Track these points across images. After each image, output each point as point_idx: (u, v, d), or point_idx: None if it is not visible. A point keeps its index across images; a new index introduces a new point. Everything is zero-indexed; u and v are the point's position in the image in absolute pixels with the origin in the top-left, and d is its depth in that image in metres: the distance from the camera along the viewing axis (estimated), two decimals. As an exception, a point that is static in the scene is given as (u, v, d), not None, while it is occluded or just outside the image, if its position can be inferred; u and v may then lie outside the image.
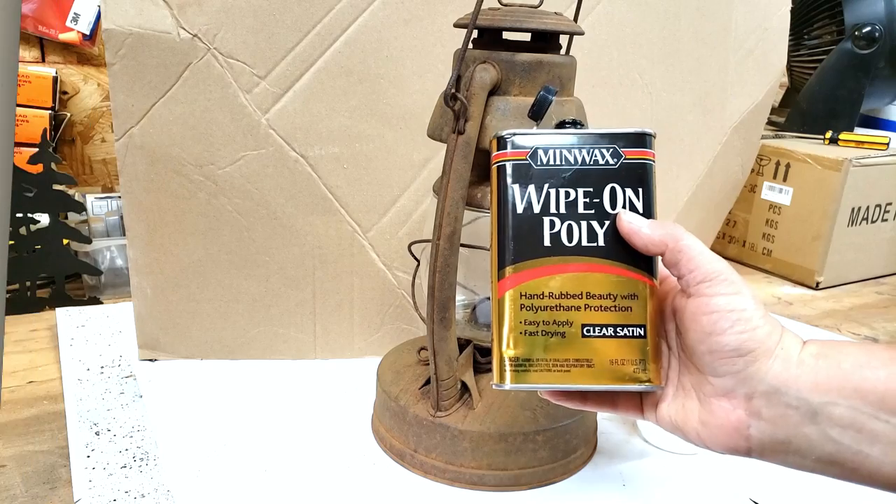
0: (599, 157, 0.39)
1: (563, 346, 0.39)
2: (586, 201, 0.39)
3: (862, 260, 1.06)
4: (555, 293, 0.39)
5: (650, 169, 0.39)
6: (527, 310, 0.39)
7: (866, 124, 1.32)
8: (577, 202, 0.39)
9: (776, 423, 0.35)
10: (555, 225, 0.39)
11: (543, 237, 0.39)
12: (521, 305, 0.39)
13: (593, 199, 0.39)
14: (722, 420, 0.36)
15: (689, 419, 0.38)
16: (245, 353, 0.71)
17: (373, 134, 0.67)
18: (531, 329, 0.39)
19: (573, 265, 0.39)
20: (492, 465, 0.53)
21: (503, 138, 0.39)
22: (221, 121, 0.63)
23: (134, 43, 0.60)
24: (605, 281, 0.38)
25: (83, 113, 1.06)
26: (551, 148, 0.39)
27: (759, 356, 0.35)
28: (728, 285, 0.35)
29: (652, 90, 0.78)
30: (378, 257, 0.71)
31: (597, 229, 0.39)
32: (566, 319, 0.39)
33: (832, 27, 1.16)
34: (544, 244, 0.39)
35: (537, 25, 0.48)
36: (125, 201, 0.65)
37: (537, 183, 0.39)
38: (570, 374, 0.39)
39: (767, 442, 0.35)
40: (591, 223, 0.39)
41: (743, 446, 0.36)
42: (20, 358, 0.71)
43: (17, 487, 0.51)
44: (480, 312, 0.60)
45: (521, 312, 0.39)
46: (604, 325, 0.39)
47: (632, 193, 0.39)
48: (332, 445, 0.58)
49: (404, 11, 0.64)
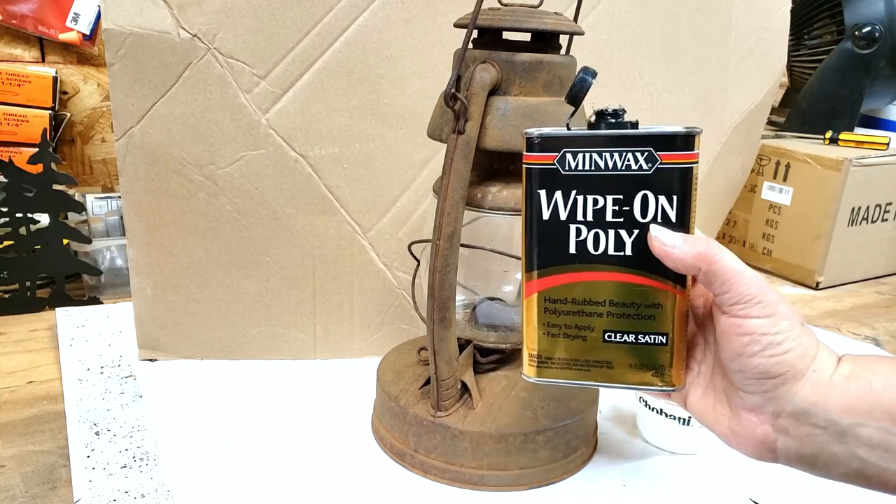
0: (632, 161, 0.36)
1: (583, 348, 0.39)
2: (615, 209, 0.37)
3: (862, 260, 1.06)
4: (577, 300, 0.38)
5: (689, 174, 0.36)
6: (550, 313, 0.39)
7: (866, 124, 1.32)
8: (606, 210, 0.37)
9: (803, 440, 0.35)
10: (581, 233, 0.38)
11: (569, 245, 0.38)
12: (544, 308, 0.39)
13: (623, 206, 0.37)
14: (749, 432, 0.36)
15: (719, 422, 0.38)
16: (245, 353, 0.71)
17: (373, 134, 0.67)
18: (553, 331, 0.39)
19: (598, 273, 0.38)
20: (492, 465, 0.53)
21: (531, 139, 0.37)
22: (221, 121, 0.63)
23: (134, 43, 0.60)
24: (629, 290, 0.38)
25: (83, 113, 1.06)
26: (581, 151, 0.37)
27: (789, 379, 0.35)
28: (762, 308, 0.35)
29: (652, 90, 0.78)
30: (378, 257, 0.71)
31: (625, 238, 0.37)
32: (588, 325, 0.39)
33: (832, 27, 1.16)
34: (569, 252, 0.38)
35: (537, 25, 0.48)
36: (125, 201, 0.65)
37: (564, 189, 0.37)
38: (590, 374, 0.39)
39: (794, 455, 0.36)
40: (619, 231, 0.37)
41: (769, 456, 0.37)
42: (20, 358, 0.71)
43: (17, 487, 0.51)
44: (480, 312, 0.60)
45: (545, 315, 0.39)
46: (625, 331, 0.38)
47: (665, 202, 0.36)
48: (332, 445, 0.58)
49: (404, 11, 0.64)
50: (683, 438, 0.58)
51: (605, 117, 0.37)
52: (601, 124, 0.37)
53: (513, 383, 0.57)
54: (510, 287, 0.61)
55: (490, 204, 0.51)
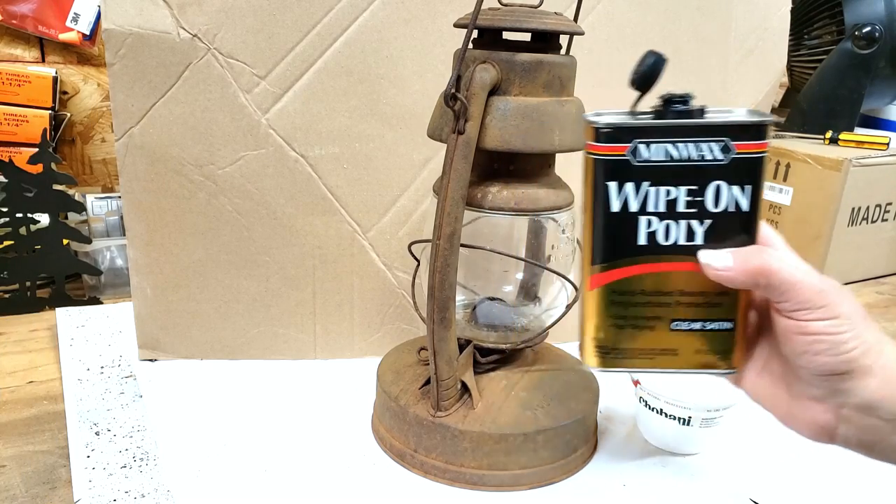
0: (707, 151, 0.35)
1: (650, 338, 0.39)
2: (688, 199, 0.36)
3: (862, 260, 1.06)
4: (647, 291, 0.38)
5: (762, 163, 0.35)
6: (616, 305, 0.38)
7: (866, 124, 1.32)
8: (678, 201, 0.36)
9: (864, 430, 0.35)
10: (652, 224, 0.37)
11: (639, 236, 0.37)
12: (611, 301, 0.38)
13: (696, 197, 0.36)
14: (810, 419, 0.37)
15: (777, 405, 0.38)
16: (245, 353, 0.71)
17: (373, 134, 0.67)
18: (620, 322, 0.39)
19: (668, 264, 0.37)
20: (492, 465, 0.53)
21: (599, 130, 0.36)
22: (221, 121, 0.63)
23: (134, 43, 0.60)
24: (698, 280, 0.37)
25: (83, 113, 1.06)
26: (654, 142, 0.35)
27: (855, 375, 0.35)
28: (824, 311, 0.34)
29: (652, 90, 0.78)
30: (378, 257, 0.71)
31: (696, 228, 0.36)
32: (656, 315, 0.38)
33: (832, 27, 1.16)
34: (639, 243, 0.37)
35: (537, 25, 0.48)
36: (125, 201, 0.65)
37: (636, 181, 0.36)
38: (655, 361, 0.39)
39: (853, 441, 0.36)
40: (690, 222, 0.36)
41: (826, 440, 0.37)
42: (20, 358, 0.71)
43: (17, 487, 0.51)
44: (480, 312, 0.60)
45: (611, 307, 0.38)
46: (692, 320, 0.38)
47: (738, 191, 0.36)
48: (332, 445, 0.58)
49: (404, 11, 0.64)
50: (683, 438, 0.58)
51: (673, 103, 0.36)
52: (669, 112, 0.35)
53: (513, 383, 0.57)
54: (510, 287, 0.61)
55: (490, 204, 0.51)
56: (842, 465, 0.57)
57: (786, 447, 0.60)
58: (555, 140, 0.50)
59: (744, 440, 0.61)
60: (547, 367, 0.61)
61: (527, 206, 0.52)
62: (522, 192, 0.52)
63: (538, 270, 0.60)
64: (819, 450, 0.60)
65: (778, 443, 0.61)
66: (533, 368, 0.60)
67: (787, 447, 0.60)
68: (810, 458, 0.59)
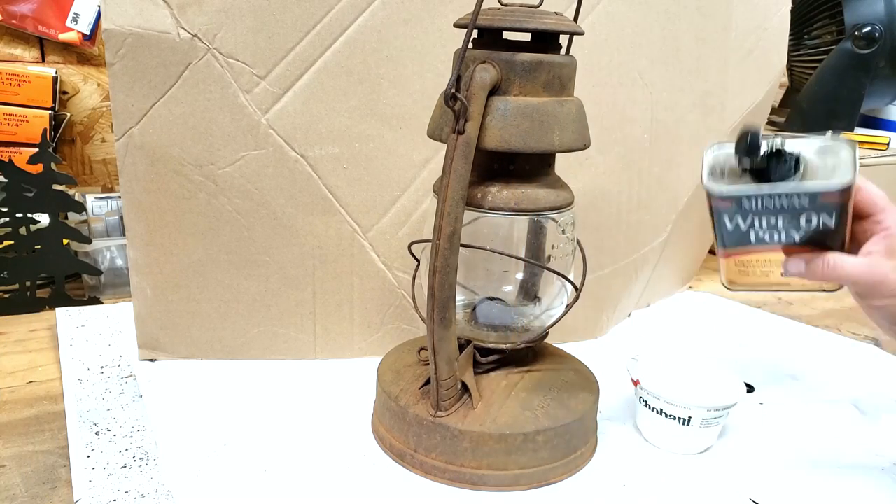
0: (797, 202, 0.47)
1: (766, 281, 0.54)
2: (784, 222, 0.49)
3: (862, 260, 1.06)
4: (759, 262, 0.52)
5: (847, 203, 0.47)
6: (739, 269, 0.54)
7: (866, 124, 1.32)
8: (778, 224, 0.49)
9: None
10: (759, 234, 0.50)
11: (750, 240, 0.51)
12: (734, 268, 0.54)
13: (791, 220, 0.48)
14: None
15: None
16: (245, 353, 0.71)
17: (373, 134, 0.67)
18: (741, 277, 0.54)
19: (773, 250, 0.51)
20: (492, 465, 0.53)
21: (710, 192, 0.49)
22: (221, 121, 0.63)
23: (134, 43, 0.60)
24: None
25: (83, 113, 1.06)
26: (754, 197, 0.48)
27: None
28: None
29: (652, 90, 0.78)
30: (378, 257, 0.71)
31: (794, 236, 0.49)
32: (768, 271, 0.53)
33: (832, 27, 1.16)
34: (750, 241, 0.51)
35: (537, 25, 0.48)
36: (125, 201, 0.65)
37: (742, 216, 0.49)
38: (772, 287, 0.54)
39: None
40: (789, 231, 0.49)
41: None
42: (20, 358, 0.71)
43: (17, 487, 0.51)
44: (480, 312, 0.60)
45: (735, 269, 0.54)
46: None
47: (826, 217, 0.47)
48: (332, 445, 0.58)
49: (404, 11, 0.64)
50: (683, 438, 0.58)
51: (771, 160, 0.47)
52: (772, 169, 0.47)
53: (513, 383, 0.57)
54: (510, 287, 0.61)
55: (490, 204, 0.51)
56: (842, 466, 0.57)
57: (786, 447, 0.60)
58: (555, 140, 0.50)
59: (744, 440, 0.61)
60: (547, 367, 0.61)
61: (527, 206, 0.52)
62: (522, 192, 0.52)
63: (538, 270, 0.60)
64: (819, 450, 0.60)
65: (778, 443, 0.61)
66: (533, 368, 0.60)
67: (787, 447, 0.60)
68: (810, 458, 0.59)
